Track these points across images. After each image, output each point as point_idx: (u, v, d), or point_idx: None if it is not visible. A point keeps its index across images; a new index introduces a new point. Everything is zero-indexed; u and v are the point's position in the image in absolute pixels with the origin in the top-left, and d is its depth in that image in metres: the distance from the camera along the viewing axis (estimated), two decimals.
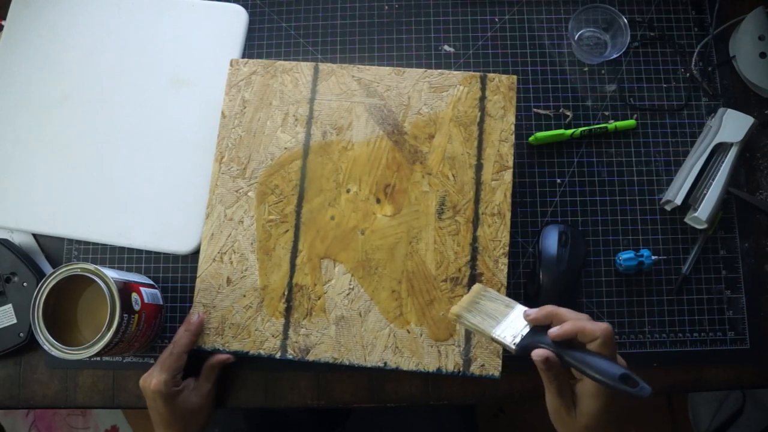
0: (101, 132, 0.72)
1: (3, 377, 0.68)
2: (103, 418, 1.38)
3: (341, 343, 0.62)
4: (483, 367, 0.60)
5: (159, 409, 0.59)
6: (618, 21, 0.70)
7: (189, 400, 0.61)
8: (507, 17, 0.74)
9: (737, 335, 0.66)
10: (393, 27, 0.74)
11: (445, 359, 0.61)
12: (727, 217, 0.68)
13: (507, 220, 0.63)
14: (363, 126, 0.66)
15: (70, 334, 0.60)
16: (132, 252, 0.69)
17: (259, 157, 0.66)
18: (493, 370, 0.60)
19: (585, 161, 0.70)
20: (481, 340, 0.61)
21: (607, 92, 0.72)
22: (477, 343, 0.61)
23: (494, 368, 0.60)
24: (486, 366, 0.60)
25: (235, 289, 0.64)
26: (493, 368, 0.60)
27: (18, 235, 0.71)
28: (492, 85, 0.66)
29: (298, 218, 0.65)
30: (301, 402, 0.66)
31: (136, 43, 0.74)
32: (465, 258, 0.63)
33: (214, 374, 0.63)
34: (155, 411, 0.60)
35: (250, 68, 0.69)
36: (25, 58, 0.74)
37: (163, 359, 0.60)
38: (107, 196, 0.70)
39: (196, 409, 0.61)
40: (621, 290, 0.67)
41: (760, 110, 0.71)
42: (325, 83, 0.68)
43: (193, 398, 0.61)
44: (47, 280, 0.57)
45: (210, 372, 0.63)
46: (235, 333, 0.63)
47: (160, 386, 0.58)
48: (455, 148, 0.65)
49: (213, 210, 0.66)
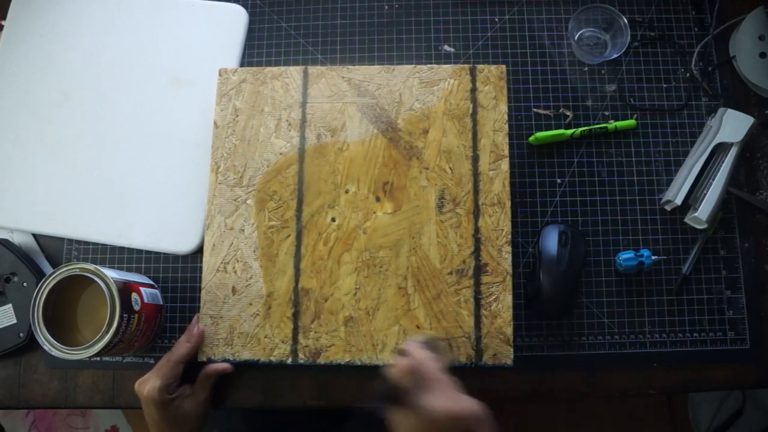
0: (101, 132, 0.72)
1: (3, 377, 0.68)
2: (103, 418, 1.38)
3: (352, 343, 0.62)
4: (495, 357, 0.61)
5: (152, 414, 0.59)
6: (618, 21, 0.70)
7: (182, 408, 0.60)
8: (507, 17, 0.74)
9: (737, 335, 0.66)
10: (393, 27, 0.74)
11: (457, 351, 0.61)
12: (727, 217, 0.68)
13: (507, 209, 0.64)
14: (357, 126, 0.66)
15: (70, 334, 0.60)
16: (132, 252, 0.69)
17: (255, 164, 0.66)
18: (505, 359, 0.61)
19: (585, 161, 0.70)
20: (491, 330, 0.61)
21: (607, 92, 0.72)
22: (487, 333, 0.61)
23: (506, 357, 0.61)
24: (498, 355, 0.61)
25: (241, 298, 0.64)
26: (505, 357, 0.61)
27: (18, 235, 0.71)
28: (482, 76, 0.67)
29: (299, 222, 0.65)
30: (301, 402, 0.66)
31: (136, 43, 0.74)
32: (468, 249, 0.63)
33: (210, 383, 0.63)
34: (148, 416, 0.60)
35: (239, 76, 0.69)
36: (25, 57, 0.74)
37: (160, 366, 0.60)
38: (107, 196, 0.70)
39: (189, 417, 0.61)
40: (621, 290, 0.67)
41: (760, 110, 0.71)
42: (316, 86, 0.68)
43: (187, 406, 0.61)
44: (47, 280, 0.57)
45: (206, 380, 0.63)
46: (245, 342, 0.63)
47: (153, 393, 0.58)
48: (450, 141, 0.65)
49: (213, 220, 0.66)
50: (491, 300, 0.62)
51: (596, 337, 0.66)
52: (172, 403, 0.60)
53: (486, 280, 0.62)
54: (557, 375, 0.66)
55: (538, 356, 0.65)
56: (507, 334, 0.61)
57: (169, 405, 0.59)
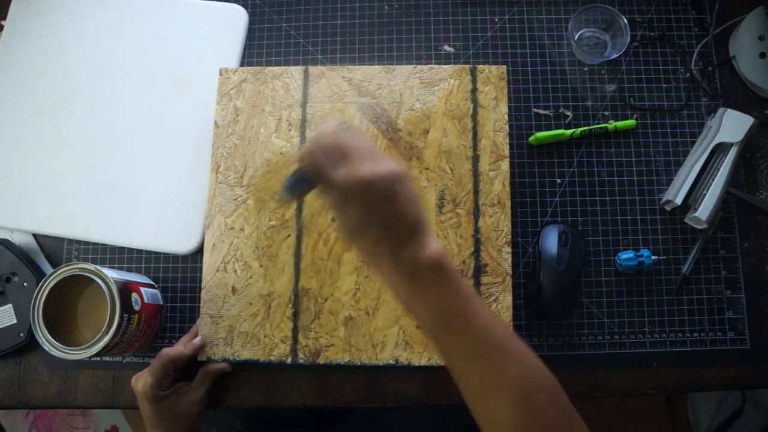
0: (101, 132, 0.72)
1: (3, 377, 0.68)
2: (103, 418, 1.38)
3: (351, 343, 0.62)
4: None
5: (145, 410, 0.60)
6: (618, 21, 0.70)
7: (176, 405, 0.60)
8: (507, 17, 0.74)
9: (737, 335, 0.66)
10: (393, 27, 0.74)
11: None
12: (727, 217, 0.68)
13: (507, 210, 0.64)
14: (357, 126, 0.66)
15: (70, 334, 0.60)
16: (132, 252, 0.69)
17: (256, 164, 0.66)
18: None
19: (585, 161, 0.70)
20: None
21: (607, 92, 0.72)
22: None
23: None
24: None
25: (241, 297, 0.64)
26: None
27: (18, 235, 0.71)
28: (482, 76, 0.67)
29: (299, 222, 0.65)
30: (301, 402, 0.66)
31: (136, 43, 0.74)
32: (468, 250, 0.63)
33: (208, 382, 0.63)
34: (142, 411, 0.60)
35: (239, 76, 0.69)
36: (25, 57, 0.74)
37: (153, 362, 0.60)
38: (107, 196, 0.70)
39: (183, 415, 0.61)
40: (621, 290, 0.67)
41: (760, 110, 0.71)
42: (316, 86, 0.68)
43: (182, 403, 0.61)
44: (47, 280, 0.57)
45: (204, 379, 0.63)
46: (244, 342, 0.63)
47: (146, 389, 0.58)
48: (451, 142, 0.65)
49: (213, 220, 0.66)
50: (491, 300, 0.62)
51: (596, 337, 0.66)
52: (166, 400, 0.60)
53: (486, 281, 0.62)
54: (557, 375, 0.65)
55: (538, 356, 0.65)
56: None
57: (162, 401, 0.59)
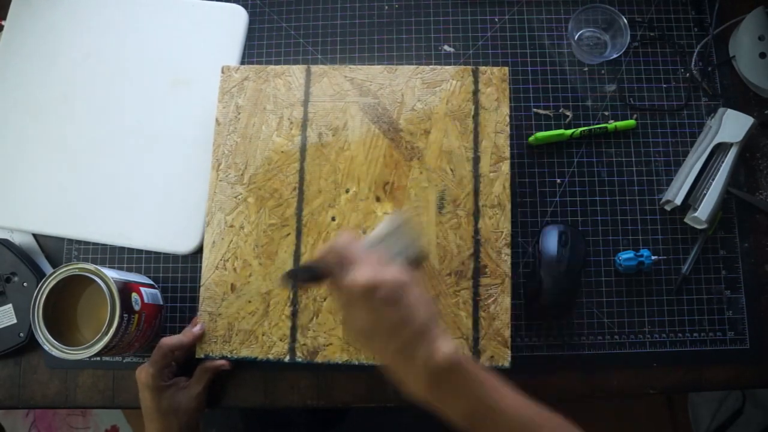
0: (101, 132, 0.72)
1: (3, 377, 0.68)
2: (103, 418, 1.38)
3: (349, 343, 0.62)
4: (492, 359, 0.61)
5: (145, 400, 0.60)
6: (618, 21, 0.70)
7: (175, 398, 0.61)
8: (507, 17, 0.74)
9: (737, 335, 0.66)
10: (393, 27, 0.74)
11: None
12: (727, 217, 0.68)
13: (507, 211, 0.64)
14: (358, 125, 0.66)
15: (70, 334, 0.60)
16: (132, 252, 0.69)
17: (256, 162, 0.66)
18: (502, 361, 0.61)
19: (585, 161, 0.70)
20: (488, 332, 0.61)
21: (607, 92, 0.72)
22: (485, 335, 0.61)
23: (504, 359, 0.61)
24: (495, 357, 0.61)
25: (240, 295, 0.64)
26: (502, 359, 0.61)
27: (18, 235, 0.71)
28: (484, 77, 0.67)
29: (299, 221, 0.65)
30: (301, 402, 0.66)
31: (136, 43, 0.74)
32: (468, 251, 0.63)
33: (207, 378, 0.63)
34: (142, 401, 0.61)
35: (241, 74, 0.69)
36: (25, 58, 0.74)
37: (153, 353, 0.61)
38: (107, 196, 0.70)
39: (180, 409, 0.61)
40: (621, 290, 0.67)
41: (760, 110, 0.71)
42: (318, 85, 0.68)
43: (180, 397, 0.61)
44: (47, 280, 0.57)
45: (202, 375, 0.63)
46: (243, 339, 0.63)
47: (148, 378, 0.59)
48: (452, 142, 0.65)
49: (213, 217, 0.66)
50: (490, 302, 0.62)
51: (596, 337, 0.66)
52: (166, 391, 0.60)
53: (485, 282, 0.62)
54: (557, 375, 0.66)
55: (538, 356, 0.65)
56: (505, 337, 0.61)
57: (162, 392, 0.60)
